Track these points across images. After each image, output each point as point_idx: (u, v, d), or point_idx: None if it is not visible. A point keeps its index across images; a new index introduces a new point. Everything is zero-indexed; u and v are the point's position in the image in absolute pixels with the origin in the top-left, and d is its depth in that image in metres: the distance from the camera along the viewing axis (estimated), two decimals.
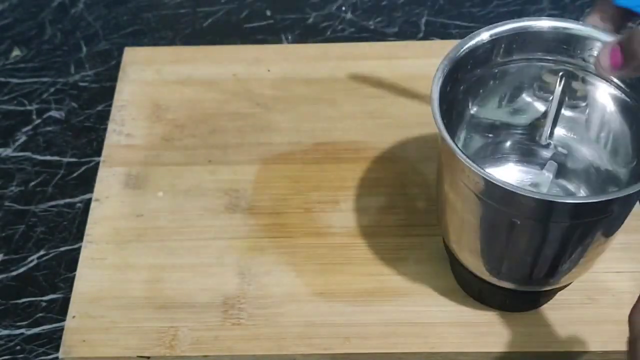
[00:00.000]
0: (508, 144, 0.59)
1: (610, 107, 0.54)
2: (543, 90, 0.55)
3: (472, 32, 0.52)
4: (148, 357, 0.57)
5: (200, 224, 0.63)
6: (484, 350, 0.56)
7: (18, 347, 0.59)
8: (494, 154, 0.59)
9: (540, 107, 0.56)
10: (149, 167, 0.67)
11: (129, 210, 0.64)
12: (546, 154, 0.58)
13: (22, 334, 0.59)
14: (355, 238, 0.62)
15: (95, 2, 0.82)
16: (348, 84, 0.72)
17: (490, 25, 0.52)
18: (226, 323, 0.58)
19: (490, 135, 0.58)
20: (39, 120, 0.72)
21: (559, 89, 0.54)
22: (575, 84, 0.54)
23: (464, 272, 0.56)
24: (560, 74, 0.54)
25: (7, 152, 0.70)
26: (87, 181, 0.67)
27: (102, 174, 0.66)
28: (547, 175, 0.57)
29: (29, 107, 0.73)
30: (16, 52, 0.78)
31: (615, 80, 0.53)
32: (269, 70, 0.73)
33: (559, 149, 0.58)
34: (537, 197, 0.45)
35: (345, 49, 0.75)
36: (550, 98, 0.55)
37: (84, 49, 0.78)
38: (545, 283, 0.54)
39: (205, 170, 0.66)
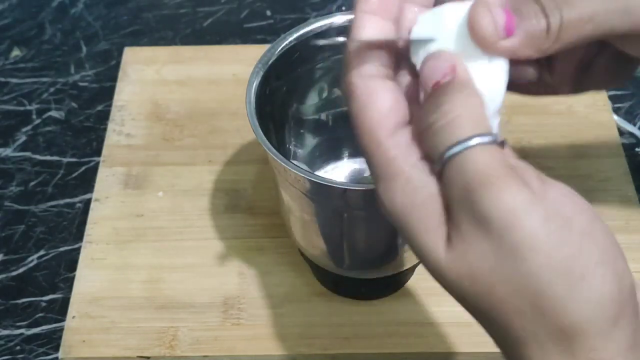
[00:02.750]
0: (345, 139, 0.61)
1: None
2: None
3: None
4: (148, 357, 0.57)
5: (200, 224, 0.63)
6: (483, 351, 0.56)
7: (18, 347, 0.59)
8: (332, 151, 0.61)
9: None
10: (149, 167, 0.67)
11: (128, 210, 0.64)
12: None
13: (22, 334, 0.59)
14: None
15: (95, 2, 0.82)
16: None
17: (298, 26, 0.54)
18: (226, 323, 0.58)
19: (325, 132, 0.60)
20: (38, 120, 0.72)
21: None
22: None
23: (315, 267, 0.58)
24: None
25: (7, 152, 0.70)
26: (87, 181, 0.67)
27: (102, 174, 0.66)
28: None
29: (28, 107, 0.73)
30: (16, 52, 0.78)
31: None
32: None
33: None
34: (335, 185, 0.48)
35: None
36: None
37: (84, 49, 0.78)
38: (389, 268, 0.55)
39: (205, 170, 0.66)
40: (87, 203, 0.65)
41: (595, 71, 0.42)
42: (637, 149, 0.68)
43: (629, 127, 0.70)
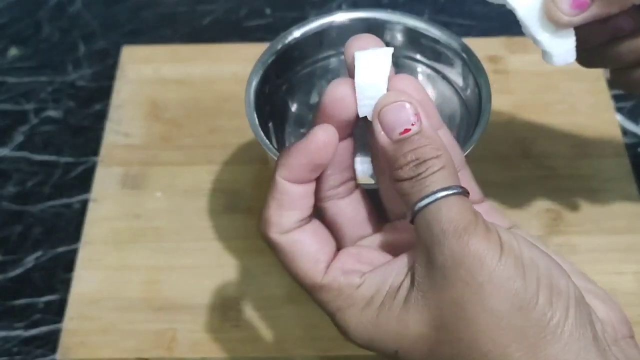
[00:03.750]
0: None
1: (429, 86, 0.56)
2: None
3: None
4: (146, 359, 0.56)
5: (199, 225, 0.63)
6: None
7: (15, 349, 0.58)
8: None
9: None
10: (147, 167, 0.66)
11: (127, 210, 0.64)
12: None
13: (19, 335, 0.59)
14: None
15: (93, 0, 0.82)
16: None
17: (297, 25, 0.54)
18: (225, 325, 0.57)
19: None
20: (36, 120, 0.72)
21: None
22: (397, 71, 0.55)
23: None
24: None
25: (4, 151, 0.70)
26: (85, 181, 0.67)
27: (100, 173, 0.66)
28: None
29: (26, 107, 0.73)
30: (13, 51, 0.77)
31: (425, 60, 0.54)
32: None
33: None
34: None
35: None
36: None
37: (82, 47, 0.78)
38: None
39: (204, 170, 0.66)
40: (85, 203, 0.65)
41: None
42: (639, 149, 0.68)
43: (632, 126, 0.69)
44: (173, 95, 0.71)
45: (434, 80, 0.54)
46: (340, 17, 0.54)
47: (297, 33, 0.54)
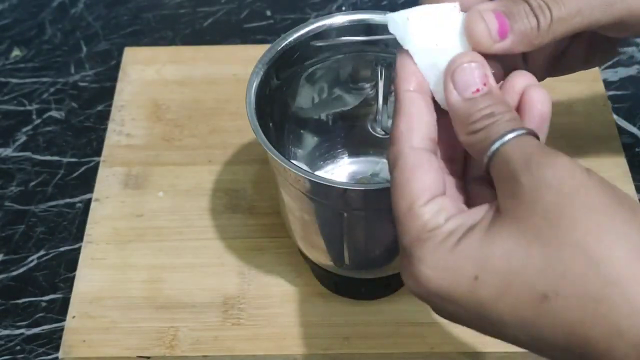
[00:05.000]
0: (345, 139, 0.61)
1: None
2: (367, 82, 0.57)
3: None
4: (148, 357, 0.57)
5: (200, 224, 0.63)
6: (484, 350, 0.56)
7: (18, 347, 0.59)
8: (333, 151, 0.61)
9: (368, 101, 0.58)
10: (149, 167, 0.67)
11: (129, 210, 0.64)
12: (384, 142, 0.59)
13: (22, 334, 0.59)
14: None
15: (95, 2, 0.82)
16: None
17: (298, 26, 0.54)
18: (226, 323, 0.58)
19: (325, 132, 0.60)
20: (39, 120, 0.72)
21: (381, 80, 0.56)
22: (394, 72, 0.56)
23: (315, 267, 0.57)
24: (381, 65, 0.56)
25: (7, 152, 0.70)
26: (87, 181, 0.67)
27: (102, 174, 0.66)
28: (386, 162, 0.59)
29: (29, 107, 0.73)
30: (16, 52, 0.78)
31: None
32: None
33: None
34: (335, 185, 0.48)
35: None
36: (376, 89, 0.57)
37: (84, 49, 0.78)
38: (389, 268, 0.55)
39: (205, 170, 0.66)
40: (87, 203, 0.65)
41: (570, 56, 0.46)
42: (637, 149, 0.68)
43: (629, 127, 0.70)
44: (174, 96, 0.72)
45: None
46: (340, 19, 0.55)
47: (296, 35, 0.54)
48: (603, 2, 0.41)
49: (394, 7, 0.81)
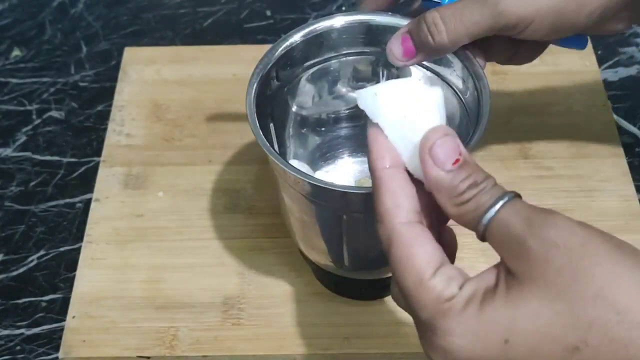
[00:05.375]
0: (347, 138, 0.61)
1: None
2: (368, 81, 0.57)
3: None
4: (148, 357, 0.57)
5: (200, 224, 0.63)
6: None
7: (18, 347, 0.59)
8: (333, 150, 0.61)
9: None
10: (149, 167, 0.67)
11: (129, 210, 0.64)
12: None
13: (22, 334, 0.59)
14: None
15: (95, 2, 0.82)
16: None
17: (298, 27, 0.54)
18: (226, 323, 0.58)
19: (326, 131, 0.60)
20: (39, 120, 0.72)
21: (382, 80, 0.56)
22: (396, 72, 0.56)
23: (315, 267, 0.57)
24: (380, 65, 0.56)
25: (7, 152, 0.70)
26: (87, 181, 0.67)
27: (102, 174, 0.66)
28: None
29: (29, 107, 0.73)
30: (16, 52, 0.78)
31: (424, 62, 0.54)
32: None
33: None
34: (334, 188, 0.48)
35: None
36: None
37: (84, 49, 0.78)
38: (390, 269, 0.54)
39: (205, 170, 0.66)
40: (87, 203, 0.65)
41: (518, 51, 0.53)
42: (637, 149, 0.68)
43: (629, 127, 0.70)
44: (174, 96, 0.72)
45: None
46: (340, 20, 0.54)
47: (297, 35, 0.54)
48: (488, 16, 0.47)
49: (393, 8, 0.81)
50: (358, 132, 0.60)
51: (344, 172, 0.62)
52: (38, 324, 0.60)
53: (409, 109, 0.38)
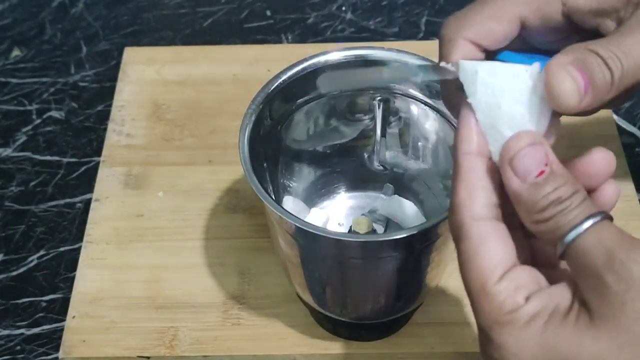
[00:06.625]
0: (343, 173, 0.60)
1: (425, 122, 0.55)
2: (364, 114, 0.56)
3: None
4: (148, 357, 0.57)
5: (200, 224, 0.63)
6: None
7: (18, 347, 0.59)
8: (329, 185, 0.60)
9: (365, 133, 0.57)
10: (149, 167, 0.67)
11: (129, 210, 0.64)
12: (382, 177, 0.59)
13: (22, 334, 0.60)
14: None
15: (95, 2, 0.82)
16: None
17: (291, 65, 0.53)
18: (226, 323, 0.58)
19: (321, 166, 0.59)
20: (39, 120, 0.72)
21: (379, 114, 0.55)
22: (393, 106, 0.55)
23: (314, 312, 0.57)
24: (377, 99, 0.55)
25: (7, 152, 0.70)
26: (87, 181, 0.67)
27: (102, 174, 0.66)
28: (384, 198, 0.59)
29: (29, 107, 0.73)
30: (16, 52, 0.78)
31: (420, 96, 0.53)
32: (268, 70, 0.73)
33: (395, 169, 0.58)
34: (331, 236, 0.47)
35: None
36: (373, 124, 0.56)
37: (84, 49, 0.78)
38: (390, 313, 0.55)
39: (205, 170, 0.66)
40: (87, 203, 0.65)
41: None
42: (637, 149, 0.68)
43: (629, 127, 0.70)
44: (174, 96, 0.72)
45: (429, 116, 0.54)
46: (335, 55, 0.53)
47: (291, 72, 0.52)
48: None
49: (393, 8, 0.81)
50: (353, 166, 0.59)
51: (341, 208, 0.60)
52: (38, 324, 0.60)
53: (505, 99, 0.36)
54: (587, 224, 0.33)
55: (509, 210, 0.36)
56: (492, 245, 0.34)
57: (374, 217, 0.58)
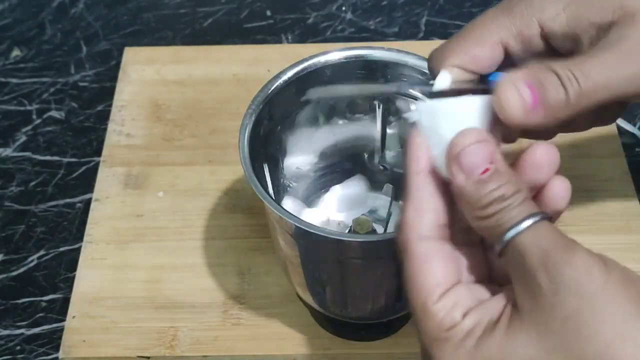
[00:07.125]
0: (343, 173, 0.60)
1: None
2: (365, 113, 0.56)
3: None
4: (148, 357, 0.57)
5: (200, 224, 0.63)
6: None
7: (18, 347, 0.59)
8: (329, 185, 0.60)
9: (366, 134, 0.57)
10: (149, 167, 0.67)
11: (129, 210, 0.64)
12: (383, 177, 0.59)
13: (22, 334, 0.60)
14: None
15: (95, 2, 0.82)
16: None
17: (290, 65, 0.53)
18: (226, 323, 0.58)
19: (323, 167, 0.59)
20: (39, 120, 0.72)
21: (379, 114, 0.55)
22: (393, 107, 0.55)
23: (314, 312, 0.57)
24: (377, 100, 0.55)
25: (7, 152, 0.70)
26: (87, 181, 0.67)
27: (102, 174, 0.66)
28: (386, 199, 0.59)
29: (29, 107, 0.73)
30: (16, 52, 0.78)
31: (421, 96, 0.52)
32: (268, 70, 0.73)
33: (395, 169, 0.58)
34: (331, 236, 0.46)
35: None
36: (373, 124, 0.56)
37: (84, 49, 0.78)
38: (390, 312, 0.55)
39: (205, 170, 0.66)
40: (88, 203, 0.65)
41: (582, 118, 0.44)
42: (637, 149, 0.68)
43: (629, 127, 0.70)
44: (174, 96, 0.72)
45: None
46: (335, 55, 0.53)
47: (290, 72, 0.52)
48: (630, 74, 0.39)
49: (393, 8, 0.81)
50: (352, 166, 0.59)
51: (340, 208, 0.60)
52: (38, 324, 0.60)
53: (453, 119, 0.36)
54: (527, 223, 0.33)
55: (465, 226, 0.36)
56: (435, 265, 0.35)
57: (374, 217, 0.58)
